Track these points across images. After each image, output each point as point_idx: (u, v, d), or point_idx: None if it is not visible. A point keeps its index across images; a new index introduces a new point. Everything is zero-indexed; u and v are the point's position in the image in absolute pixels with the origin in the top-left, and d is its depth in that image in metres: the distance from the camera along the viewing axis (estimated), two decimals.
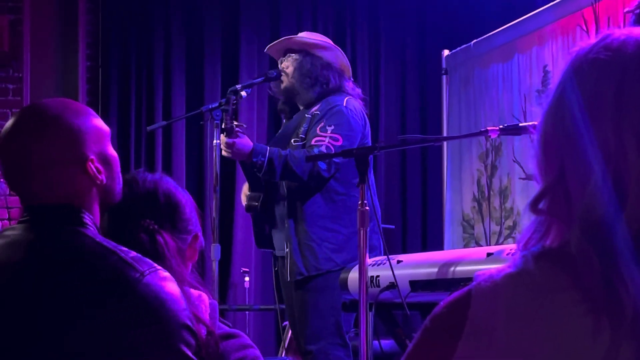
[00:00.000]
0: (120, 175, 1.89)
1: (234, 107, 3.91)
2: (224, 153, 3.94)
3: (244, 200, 4.28)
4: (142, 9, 6.64)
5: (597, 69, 1.02)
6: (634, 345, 0.94)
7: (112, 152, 1.88)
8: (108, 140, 1.88)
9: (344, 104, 4.07)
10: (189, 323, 1.69)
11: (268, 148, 3.93)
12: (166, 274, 1.71)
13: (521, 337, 0.98)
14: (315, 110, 4.07)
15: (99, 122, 1.86)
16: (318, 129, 3.98)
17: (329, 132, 3.96)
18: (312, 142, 3.94)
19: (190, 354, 1.67)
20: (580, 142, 1.00)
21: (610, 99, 1.00)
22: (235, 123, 3.90)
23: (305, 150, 3.91)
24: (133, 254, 1.71)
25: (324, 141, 3.93)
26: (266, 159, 3.88)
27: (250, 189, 4.16)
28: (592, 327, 0.95)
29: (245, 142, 3.92)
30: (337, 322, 3.98)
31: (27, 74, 6.37)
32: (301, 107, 4.23)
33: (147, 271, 1.67)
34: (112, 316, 1.63)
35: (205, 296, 1.89)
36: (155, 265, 1.71)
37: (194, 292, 1.88)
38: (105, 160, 1.84)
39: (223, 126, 3.88)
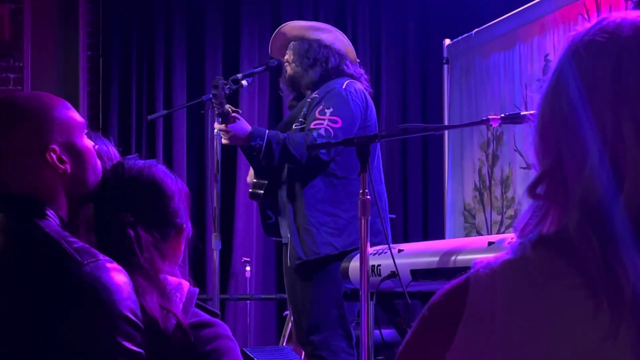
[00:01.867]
0: (95, 166, 1.89)
1: (227, 92, 3.86)
2: (223, 140, 3.91)
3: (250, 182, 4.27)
4: None
5: (593, 52, 1.01)
6: (634, 329, 0.94)
7: (84, 143, 1.88)
8: (80, 132, 1.88)
9: (343, 87, 4.03)
10: (129, 314, 1.66)
11: (267, 131, 3.90)
12: (111, 265, 1.69)
13: (520, 325, 0.98)
14: (315, 94, 4.04)
15: (70, 113, 1.87)
16: (317, 112, 3.93)
17: (327, 114, 3.91)
18: (311, 126, 3.90)
19: (130, 346, 1.65)
20: (578, 125, 0.99)
21: (607, 82, 0.99)
22: (230, 107, 3.86)
23: (305, 133, 3.88)
24: (78, 244, 1.71)
25: (322, 124, 3.89)
26: (264, 142, 3.84)
27: (256, 175, 4.14)
28: (591, 312, 0.95)
29: (243, 125, 3.89)
30: (340, 313, 3.96)
31: (27, 63, 6.36)
32: (307, 94, 4.22)
33: (87, 261, 1.67)
34: (51, 306, 1.63)
35: (185, 284, 1.87)
36: (99, 255, 1.70)
37: (173, 281, 1.87)
38: (72, 150, 1.84)
39: (216, 112, 3.84)
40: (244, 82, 4.06)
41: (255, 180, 4.13)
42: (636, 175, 0.96)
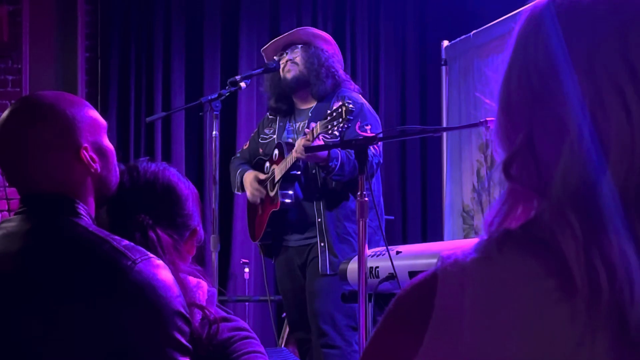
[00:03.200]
0: (116, 167, 1.91)
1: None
2: (295, 155, 3.93)
3: (253, 196, 4.29)
4: (141, 0, 6.63)
5: (564, 20, 0.93)
6: (610, 334, 0.86)
7: (108, 144, 1.90)
8: (104, 132, 1.89)
9: (363, 101, 4.19)
10: (182, 310, 1.70)
11: (339, 152, 3.95)
12: (159, 262, 1.72)
13: (489, 331, 0.91)
14: (344, 104, 4.07)
15: (95, 114, 1.89)
16: (357, 127, 4.04)
17: (368, 131, 4.05)
18: (355, 138, 3.96)
19: (183, 340, 1.69)
20: (551, 97, 0.90)
21: (583, 48, 0.90)
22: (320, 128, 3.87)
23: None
24: (125, 242, 1.73)
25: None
26: (339, 162, 3.92)
27: (282, 187, 4.18)
28: (565, 318, 0.88)
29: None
30: (352, 307, 4.03)
31: (26, 65, 6.36)
32: (306, 101, 4.24)
33: (140, 259, 1.69)
34: (105, 303, 1.64)
35: (204, 284, 1.91)
36: (148, 253, 1.72)
37: (193, 280, 1.90)
38: (100, 150, 1.85)
39: (319, 129, 3.81)
40: (242, 84, 4.08)
41: (283, 192, 4.17)
42: (622, 145, 0.87)
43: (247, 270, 6.28)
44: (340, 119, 3.72)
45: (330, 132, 3.79)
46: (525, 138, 0.93)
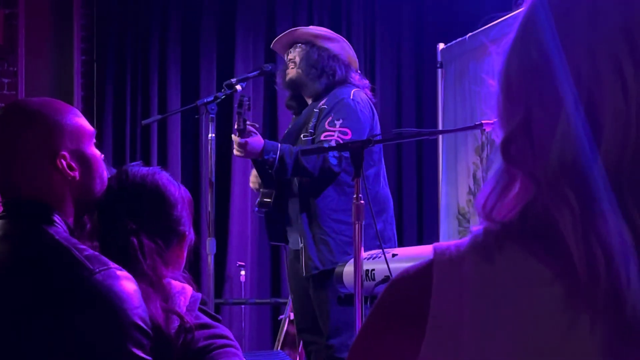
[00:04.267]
0: (102, 175, 1.91)
1: (247, 109, 3.89)
2: (236, 153, 3.93)
3: (253, 184, 4.29)
4: (137, 2, 6.62)
5: None
6: (607, 318, 0.85)
7: (93, 152, 1.89)
8: (89, 140, 1.89)
9: (351, 97, 4.09)
10: (140, 322, 1.67)
11: (279, 145, 3.93)
12: (121, 272, 1.71)
13: (490, 339, 0.89)
14: (323, 104, 4.07)
15: (81, 121, 1.89)
16: (326, 123, 3.98)
17: (337, 126, 3.97)
18: (322, 137, 3.94)
19: (140, 353, 1.67)
20: (550, 74, 0.89)
21: (583, 19, 0.89)
22: (249, 123, 3.90)
23: (317, 145, 3.91)
24: (88, 252, 1.72)
25: (333, 135, 3.93)
26: (277, 156, 3.89)
27: (263, 185, 4.16)
28: (567, 324, 0.86)
29: (257, 140, 3.92)
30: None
31: (21, 68, 6.35)
32: (309, 100, 4.24)
33: (98, 269, 1.68)
34: (63, 313, 1.64)
35: (188, 289, 1.89)
36: (110, 263, 1.71)
37: (177, 285, 1.88)
38: (82, 158, 1.85)
39: (236, 127, 3.87)
40: (238, 87, 4.08)
41: (264, 190, 4.15)
42: (616, 123, 0.85)
43: (243, 273, 6.29)
44: (237, 114, 3.83)
45: (238, 123, 3.83)
46: (523, 118, 0.92)
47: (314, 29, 4.36)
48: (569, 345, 0.86)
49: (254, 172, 4.26)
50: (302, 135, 4.08)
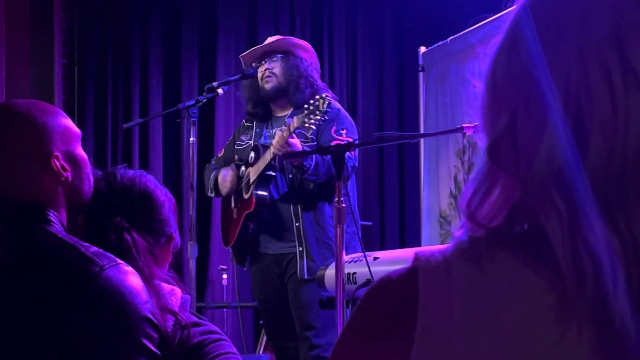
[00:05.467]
0: (90, 177, 1.92)
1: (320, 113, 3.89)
2: (275, 150, 3.92)
3: (225, 188, 4.29)
4: (118, 5, 6.61)
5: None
6: (595, 327, 0.83)
7: (82, 153, 1.90)
8: (77, 141, 1.90)
9: (340, 107, 4.21)
10: (150, 316, 1.70)
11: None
12: (128, 268, 1.72)
13: (482, 351, 0.87)
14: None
15: (68, 123, 1.90)
16: (332, 132, 4.06)
17: (344, 135, 4.07)
18: (333, 145, 3.96)
19: (151, 347, 1.68)
20: (537, 79, 0.87)
21: (573, 27, 0.87)
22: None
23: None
24: (94, 249, 1.72)
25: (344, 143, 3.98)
26: (314, 162, 3.92)
27: (257, 187, 4.16)
28: (560, 335, 0.84)
29: (297, 143, 3.96)
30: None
31: (2, 71, 6.31)
32: (284, 109, 4.25)
33: (107, 265, 1.69)
34: (74, 310, 1.64)
35: (177, 291, 1.91)
36: (117, 259, 1.72)
37: (167, 287, 1.90)
38: (72, 159, 1.86)
39: (299, 123, 3.84)
40: (220, 91, 4.07)
41: (259, 193, 4.15)
42: (603, 132, 0.84)
43: (225, 276, 6.27)
44: (317, 112, 3.78)
45: (307, 125, 3.81)
46: (509, 122, 0.90)
47: (291, 39, 4.38)
48: (559, 355, 0.85)
49: (225, 176, 4.28)
50: (300, 141, 4.09)
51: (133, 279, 1.70)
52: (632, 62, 0.85)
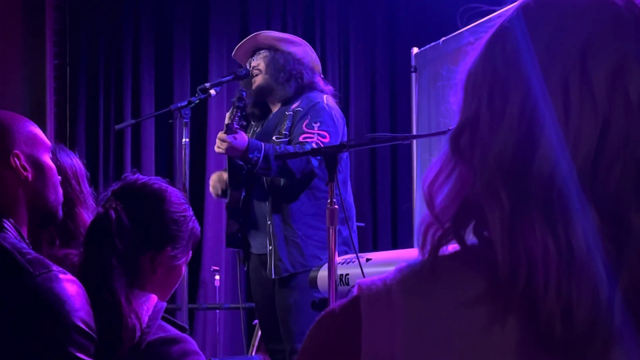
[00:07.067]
0: (57, 187, 1.94)
1: (243, 104, 3.93)
2: (217, 149, 3.92)
3: (214, 189, 4.28)
4: (110, 6, 6.60)
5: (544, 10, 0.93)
6: (519, 321, 0.85)
7: (48, 161, 1.92)
8: (45, 151, 1.92)
9: (325, 102, 4.09)
10: (81, 325, 1.67)
11: (263, 144, 3.91)
12: (64, 275, 1.70)
13: None
14: (297, 107, 4.07)
15: (38, 132, 1.92)
16: (304, 125, 3.98)
17: (315, 128, 3.97)
18: (300, 139, 3.93)
19: (81, 356, 1.65)
20: (505, 77, 0.90)
21: (550, 32, 0.90)
22: (236, 120, 3.90)
23: (298, 147, 3.89)
24: (32, 255, 1.72)
25: (312, 137, 3.94)
26: (262, 154, 3.87)
27: (231, 186, 4.15)
28: (498, 339, 0.85)
29: (242, 138, 3.90)
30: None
31: None
32: (276, 105, 4.23)
33: (39, 272, 1.68)
34: (5, 317, 1.64)
35: (153, 297, 1.90)
36: (53, 267, 1.70)
37: (140, 293, 1.89)
38: (36, 163, 1.88)
39: (227, 120, 3.87)
40: (212, 92, 4.06)
41: (230, 190, 4.14)
42: (551, 143, 0.86)
43: (217, 277, 6.27)
44: (232, 107, 3.83)
45: (233, 119, 3.84)
46: (473, 113, 0.93)
47: (275, 33, 4.35)
48: (488, 345, 0.85)
49: (215, 177, 4.27)
50: (274, 137, 4.06)
51: (68, 286, 1.68)
52: (591, 81, 0.86)
